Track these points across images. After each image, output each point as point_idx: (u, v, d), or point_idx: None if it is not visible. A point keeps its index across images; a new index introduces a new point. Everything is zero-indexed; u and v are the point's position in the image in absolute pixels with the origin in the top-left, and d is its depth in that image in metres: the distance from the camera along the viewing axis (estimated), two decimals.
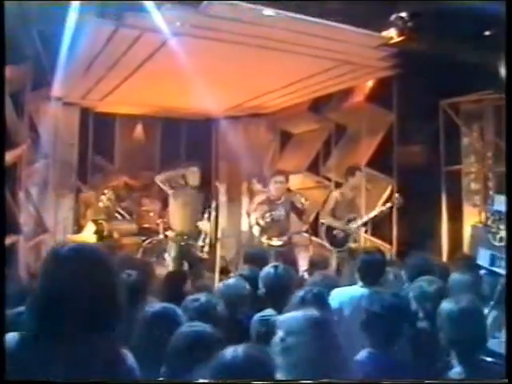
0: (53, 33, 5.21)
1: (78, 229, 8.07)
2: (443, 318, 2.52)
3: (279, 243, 6.47)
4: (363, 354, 2.54)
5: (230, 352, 1.74)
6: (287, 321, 2.15)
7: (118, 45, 5.56)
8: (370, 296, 2.74)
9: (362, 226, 6.89)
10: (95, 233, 7.80)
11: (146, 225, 8.76)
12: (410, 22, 5.28)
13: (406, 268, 3.94)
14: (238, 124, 9.14)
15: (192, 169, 6.77)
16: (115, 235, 8.18)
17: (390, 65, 6.50)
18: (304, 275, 5.33)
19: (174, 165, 7.76)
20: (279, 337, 2.08)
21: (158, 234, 8.33)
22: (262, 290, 3.58)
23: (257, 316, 3.22)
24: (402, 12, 5.25)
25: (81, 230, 8.02)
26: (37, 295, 1.70)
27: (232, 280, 3.64)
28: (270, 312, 3.24)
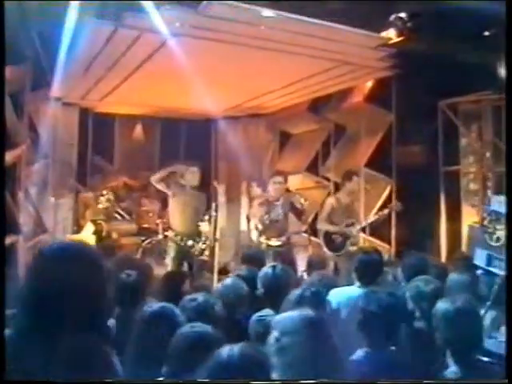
0: (52, 33, 5.21)
1: (78, 229, 8.08)
2: (438, 318, 2.53)
3: (278, 243, 6.47)
4: (360, 353, 2.55)
5: (225, 351, 1.74)
6: (282, 321, 2.16)
7: (117, 45, 5.57)
8: (366, 296, 2.74)
9: (359, 230, 6.84)
10: (94, 233, 7.80)
11: (146, 225, 8.79)
12: (410, 23, 5.28)
13: (402, 267, 3.95)
14: (237, 124, 9.14)
15: (192, 169, 6.72)
16: (114, 235, 8.20)
17: (389, 65, 6.51)
18: (303, 275, 5.33)
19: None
20: (274, 337, 2.09)
21: (158, 235, 8.35)
22: (260, 290, 3.59)
23: (255, 316, 3.23)
24: (401, 12, 5.26)
25: (80, 230, 8.03)
26: (22, 294, 1.70)
27: (230, 280, 3.64)
28: (268, 312, 3.25)
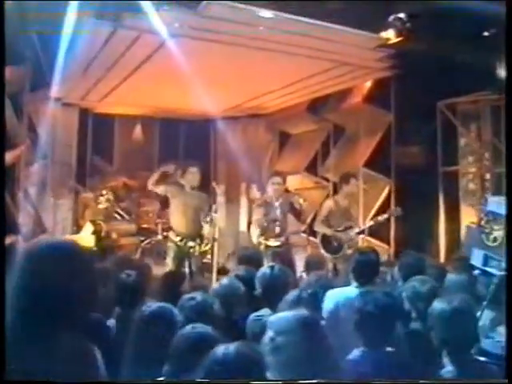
0: (52, 34, 5.22)
1: (77, 229, 8.08)
2: (434, 317, 2.54)
3: (277, 244, 6.48)
4: (356, 353, 2.56)
5: (221, 350, 1.76)
6: (277, 321, 2.17)
7: (116, 46, 5.58)
8: (362, 296, 2.75)
9: (357, 234, 6.83)
10: (93, 233, 7.80)
11: (145, 225, 8.80)
12: (408, 23, 5.27)
13: (399, 267, 3.95)
14: (236, 124, 9.15)
15: (192, 169, 6.70)
16: (114, 235, 8.21)
17: (388, 66, 6.52)
18: (302, 276, 5.33)
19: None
20: (269, 336, 2.10)
21: (157, 235, 8.37)
22: (258, 290, 3.60)
23: (252, 316, 3.24)
24: (400, 13, 5.25)
25: (80, 230, 8.04)
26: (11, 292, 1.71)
27: (226, 280, 3.65)
28: (265, 312, 3.25)
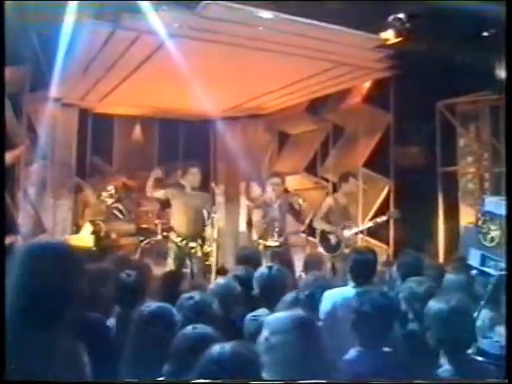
0: (51, 34, 5.23)
1: (77, 229, 8.09)
2: (432, 317, 2.54)
3: (276, 244, 6.49)
4: (353, 353, 2.57)
5: (217, 349, 1.77)
6: (272, 321, 2.19)
7: (115, 46, 5.59)
8: (359, 296, 2.76)
9: (355, 234, 6.84)
10: (93, 233, 7.81)
11: (145, 225, 8.80)
12: (408, 23, 5.28)
13: (398, 266, 3.96)
14: (235, 125, 9.15)
15: (192, 170, 6.70)
16: (113, 236, 8.21)
17: (387, 66, 6.52)
18: (302, 276, 5.33)
19: (170, 166, 7.72)
20: (264, 336, 2.11)
21: (156, 235, 8.37)
22: (256, 290, 3.61)
23: (249, 315, 3.25)
24: (399, 13, 5.26)
25: (79, 230, 8.05)
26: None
27: (223, 280, 3.66)
28: (262, 312, 3.26)
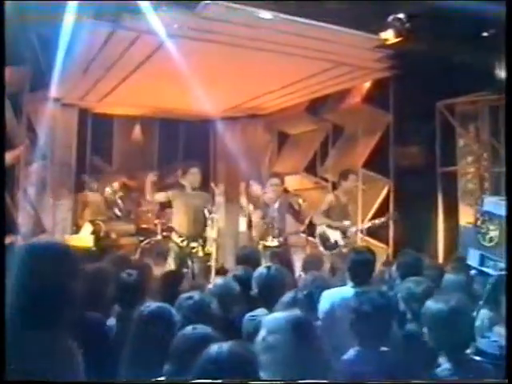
0: (51, 34, 5.23)
1: (77, 229, 8.10)
2: (430, 317, 2.55)
3: (275, 244, 6.50)
4: (351, 352, 2.57)
5: (215, 348, 1.77)
6: (270, 321, 2.19)
7: (115, 46, 5.60)
8: (358, 296, 2.76)
9: (354, 234, 6.85)
10: (92, 233, 7.82)
11: (144, 225, 8.81)
12: (408, 23, 5.28)
13: (397, 266, 3.96)
14: (235, 125, 9.16)
15: (192, 170, 6.71)
16: (113, 235, 8.22)
17: (387, 66, 6.53)
18: (301, 276, 5.33)
19: (170, 166, 7.71)
20: (262, 336, 2.12)
21: (156, 235, 8.37)
22: (255, 290, 3.61)
23: (247, 315, 3.26)
24: (399, 13, 5.26)
25: (79, 230, 8.05)
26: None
27: (222, 280, 3.67)
28: (260, 312, 3.26)
